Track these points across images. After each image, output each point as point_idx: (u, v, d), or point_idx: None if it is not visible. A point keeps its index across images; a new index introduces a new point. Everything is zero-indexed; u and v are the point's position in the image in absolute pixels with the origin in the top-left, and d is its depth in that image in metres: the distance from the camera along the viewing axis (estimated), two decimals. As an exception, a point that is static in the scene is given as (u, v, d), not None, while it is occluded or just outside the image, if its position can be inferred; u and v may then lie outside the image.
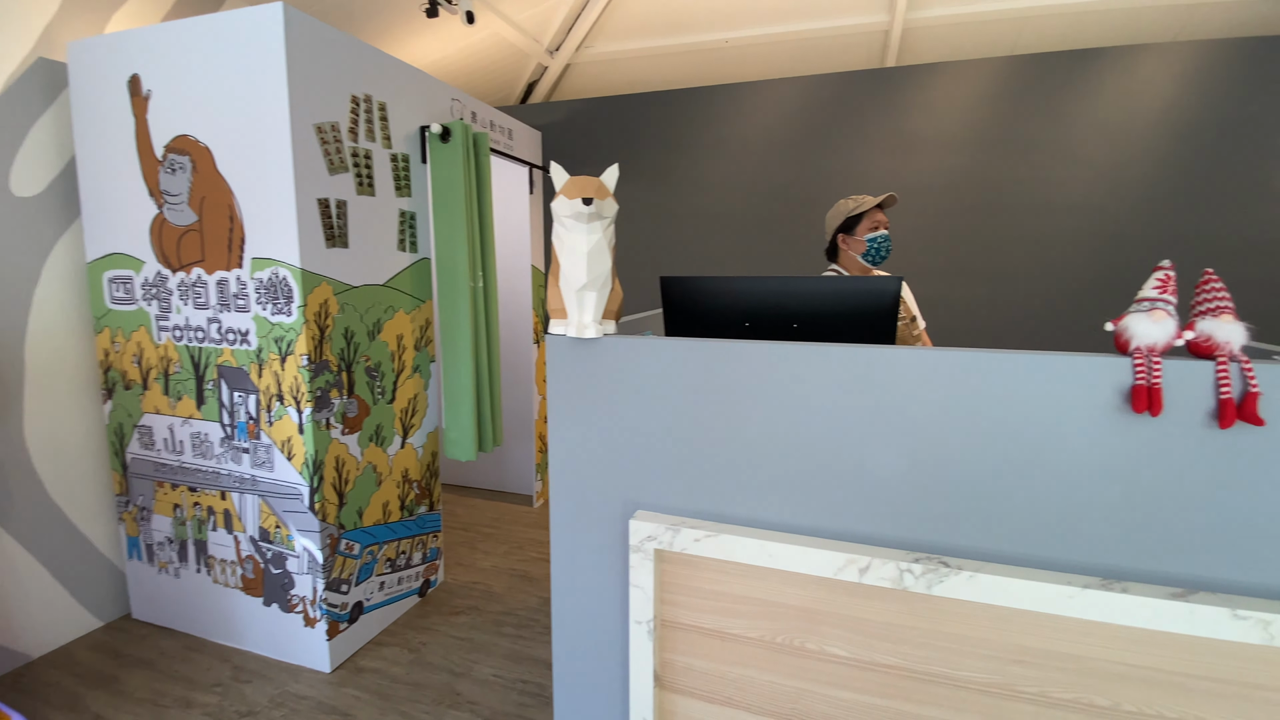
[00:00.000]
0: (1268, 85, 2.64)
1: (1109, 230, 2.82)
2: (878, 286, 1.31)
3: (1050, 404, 1.05)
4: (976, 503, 1.12)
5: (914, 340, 2.05)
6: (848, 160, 3.08)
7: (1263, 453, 0.96)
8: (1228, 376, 0.95)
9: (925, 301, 3.04)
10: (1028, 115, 2.89)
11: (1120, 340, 1.01)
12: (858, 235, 2.04)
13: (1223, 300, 0.97)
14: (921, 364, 1.11)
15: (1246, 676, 1.00)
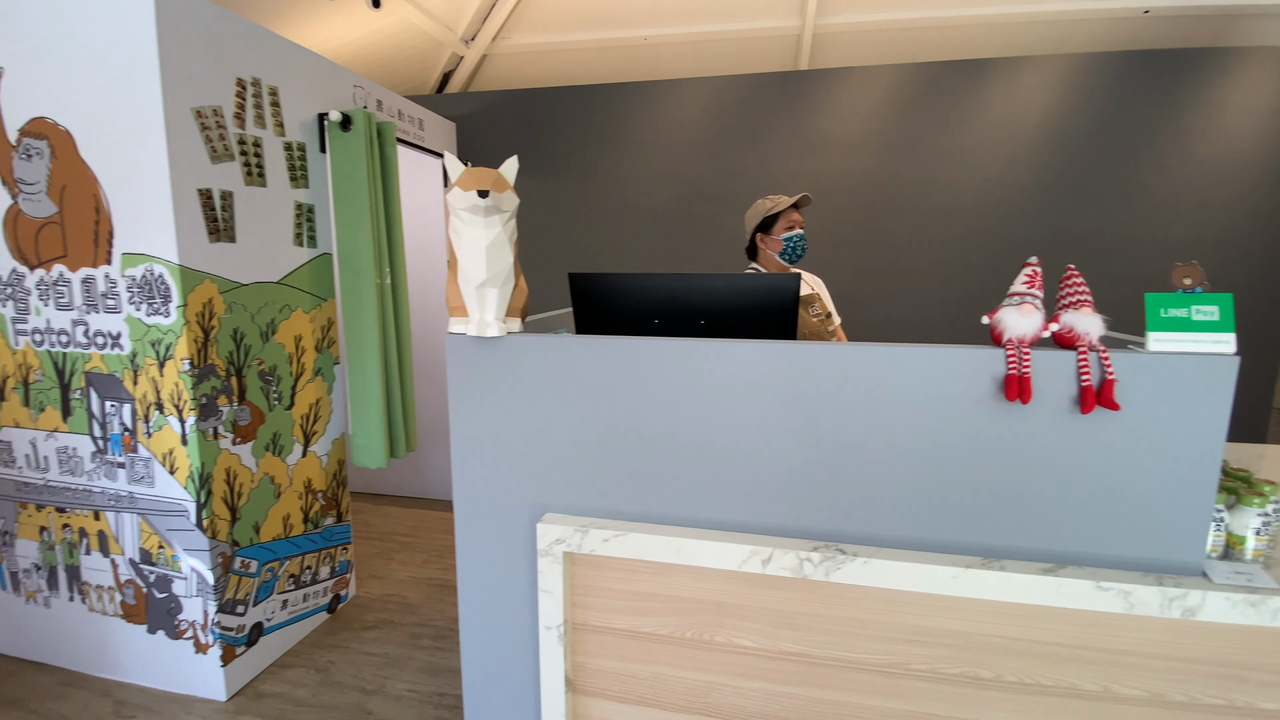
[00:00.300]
0: (1134, 96, 2.90)
1: (998, 230, 3.03)
2: (778, 284, 1.33)
3: (935, 394, 1.09)
4: (871, 490, 1.15)
5: (829, 336, 2.11)
6: (763, 160, 3.15)
7: (1119, 436, 1.04)
8: (1088, 365, 1.02)
9: (838, 298, 3.15)
10: (926, 120, 3.05)
11: (995, 332, 1.07)
12: (774, 234, 2.09)
13: (1082, 294, 1.04)
14: (818, 358, 1.14)
15: (1110, 643, 1.09)
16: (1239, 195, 2.88)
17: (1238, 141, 2.85)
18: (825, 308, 2.18)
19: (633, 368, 1.21)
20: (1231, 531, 1.08)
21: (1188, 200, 2.90)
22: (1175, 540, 1.05)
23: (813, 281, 2.27)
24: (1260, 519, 1.06)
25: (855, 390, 1.12)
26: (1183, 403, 1.01)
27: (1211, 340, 1.00)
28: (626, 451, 1.24)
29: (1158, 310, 1.01)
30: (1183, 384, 1.01)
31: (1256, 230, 2.89)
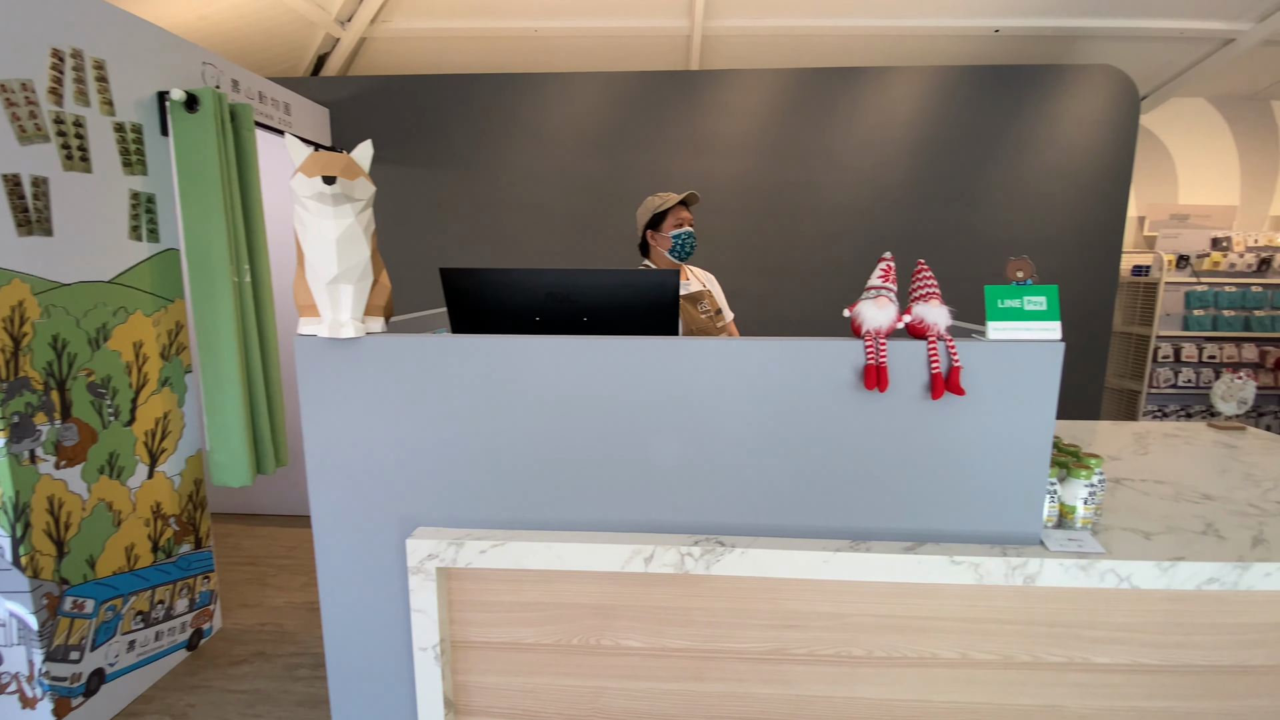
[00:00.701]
0: (984, 107, 3.17)
1: (870, 229, 3.23)
2: (659, 280, 1.32)
3: (803, 385, 1.12)
4: (747, 482, 1.17)
5: (718, 333, 2.14)
6: (657, 158, 3.17)
7: (966, 419, 1.11)
8: (937, 354, 1.08)
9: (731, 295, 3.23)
10: (808, 124, 3.19)
11: (855, 325, 1.11)
12: (664, 232, 2.10)
13: (931, 287, 1.10)
14: (693, 353, 1.13)
15: (965, 613, 1.16)
16: (1072, 198, 3.23)
17: (1070, 150, 3.20)
18: (715, 304, 2.21)
19: (509, 368, 1.16)
20: (1064, 502, 1.18)
21: (1027, 202, 3.22)
22: (1017, 513, 1.14)
23: (704, 278, 2.30)
24: (1087, 489, 1.17)
25: (729, 384, 1.13)
26: (1018, 386, 1.09)
27: (1041, 328, 1.08)
28: (504, 456, 1.19)
29: (996, 301, 1.09)
30: (1018, 369, 1.09)
31: (1086, 228, 3.25)
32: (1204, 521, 1.26)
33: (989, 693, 1.20)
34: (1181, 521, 1.26)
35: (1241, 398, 1.93)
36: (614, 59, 3.66)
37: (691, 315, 2.08)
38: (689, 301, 2.11)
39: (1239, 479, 1.51)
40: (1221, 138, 4.25)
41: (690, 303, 2.11)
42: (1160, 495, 1.41)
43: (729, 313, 2.32)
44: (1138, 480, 1.51)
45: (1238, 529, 1.23)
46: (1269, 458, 1.68)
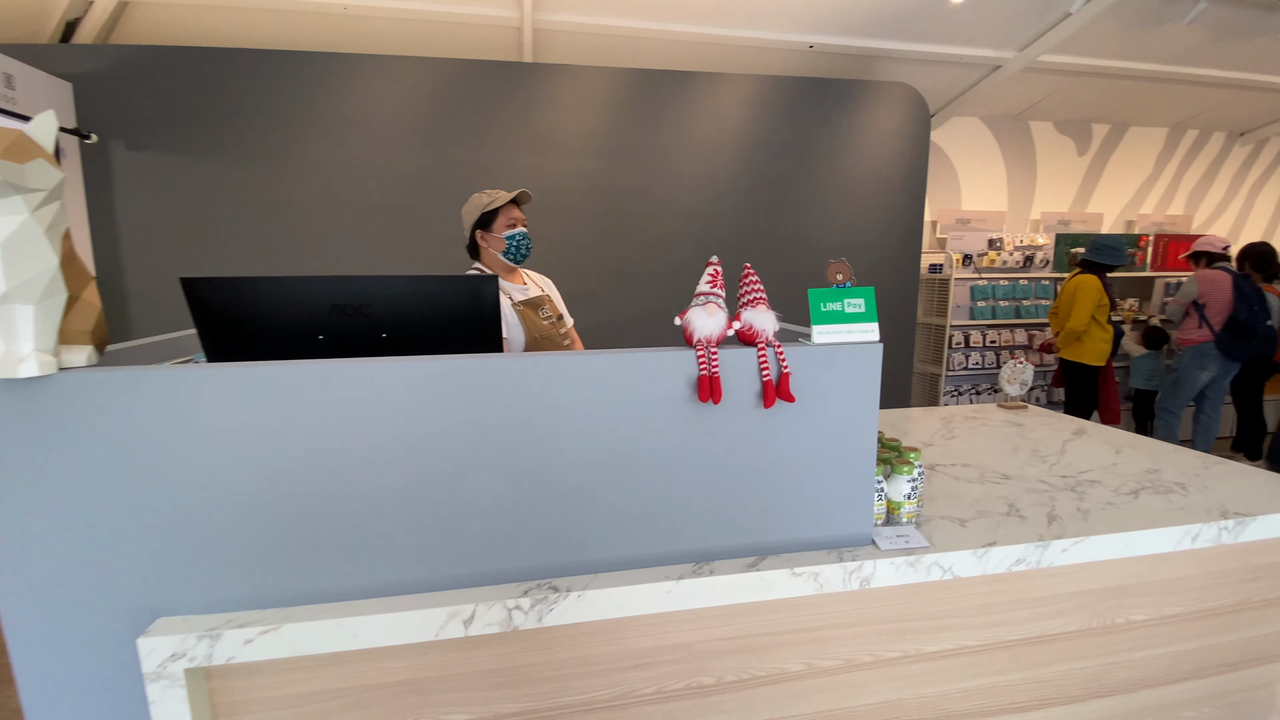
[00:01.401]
0: (802, 116, 3.37)
1: (706, 232, 3.30)
2: (474, 286, 1.15)
3: (634, 401, 1.02)
4: (580, 513, 1.04)
5: (560, 339, 2.01)
6: (487, 153, 2.96)
7: (798, 425, 1.08)
8: (767, 361, 1.03)
9: (572, 299, 3.11)
10: (641, 125, 3.17)
11: (686, 333, 1.03)
12: (495, 232, 1.93)
13: (758, 292, 1.05)
14: (513, 373, 0.98)
15: (809, 623, 1.13)
16: (879, 204, 3.54)
17: (876, 159, 3.51)
18: (556, 309, 2.08)
19: (278, 403, 0.92)
20: (890, 499, 1.20)
21: (842, 207, 3.48)
22: (850, 516, 1.13)
23: (542, 282, 2.16)
24: (910, 485, 1.19)
25: (554, 405, 0.99)
26: (843, 388, 1.08)
27: (861, 330, 1.08)
28: (275, 516, 0.95)
29: (819, 304, 1.06)
30: (842, 371, 1.08)
31: (892, 231, 3.59)
32: (1006, 503, 1.36)
33: (836, 698, 1.18)
34: (988, 505, 1.35)
35: (1023, 380, 2.19)
36: (439, 44, 3.38)
37: (534, 322, 1.93)
38: (530, 308, 1.96)
39: (1028, 456, 1.67)
40: (992, 152, 4.94)
41: (531, 309, 1.96)
42: (968, 479, 1.51)
43: (569, 317, 2.20)
44: (948, 465, 1.61)
45: (1034, 507, 1.34)
46: (1048, 433, 1.90)
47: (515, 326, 1.89)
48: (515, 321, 1.90)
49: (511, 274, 2.02)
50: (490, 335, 1.18)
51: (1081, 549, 1.19)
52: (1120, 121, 5.16)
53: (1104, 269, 3.76)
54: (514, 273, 2.03)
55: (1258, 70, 4.41)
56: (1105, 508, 1.33)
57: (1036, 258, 4.72)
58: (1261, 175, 5.63)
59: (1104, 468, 1.59)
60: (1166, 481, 1.49)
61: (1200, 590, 1.35)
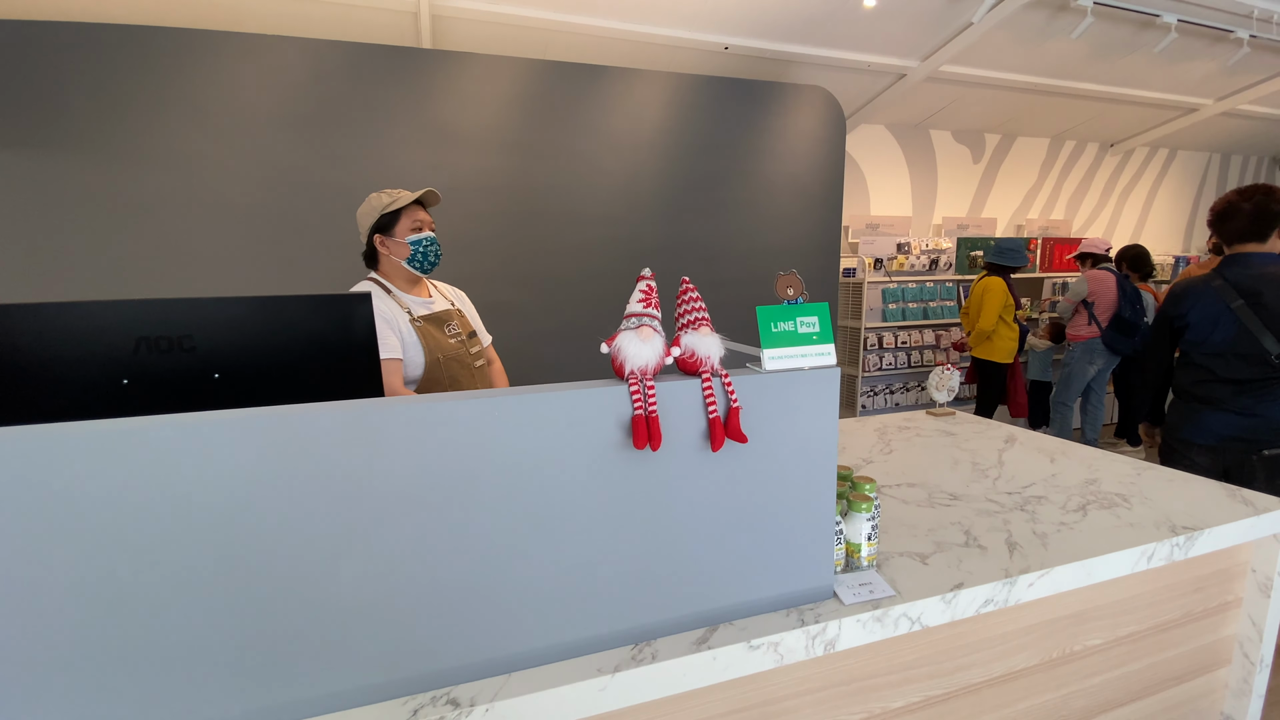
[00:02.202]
0: (723, 117, 3.27)
1: (629, 236, 3.12)
2: (339, 307, 0.91)
3: (556, 451, 0.81)
4: (486, 595, 0.82)
5: (471, 360, 1.76)
6: (382, 149, 2.64)
7: (751, 468, 0.91)
8: (713, 394, 0.86)
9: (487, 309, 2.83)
10: (555, 121, 2.95)
11: (616, 363, 0.84)
12: (398, 236, 1.66)
13: (699, 311, 0.88)
14: (391, 421, 0.75)
15: (768, 695, 0.97)
16: (799, 208, 3.51)
17: (795, 163, 3.47)
18: (467, 325, 1.83)
19: (52, 480, 0.64)
20: (849, 541, 1.06)
21: (764, 211, 3.41)
22: (810, 567, 0.98)
23: (452, 295, 1.90)
24: (869, 524, 1.05)
25: (444, 463, 0.77)
26: (799, 421, 0.93)
27: (816, 353, 0.92)
28: (40, 638, 0.67)
29: (769, 324, 0.90)
30: (797, 401, 0.92)
31: (812, 235, 3.57)
32: (962, 529, 1.26)
33: (796, 775, 1.03)
34: (944, 533, 1.24)
35: (950, 386, 2.16)
36: (322, 24, 3.01)
37: (437, 341, 1.68)
38: (433, 324, 1.70)
39: (970, 471, 1.61)
40: (897, 159, 5.10)
41: (435, 325, 1.70)
42: (917, 502, 1.41)
43: (486, 335, 1.95)
44: (894, 486, 1.51)
45: (990, 533, 1.24)
46: (981, 442, 1.86)
47: (414, 346, 1.64)
48: (414, 340, 1.64)
49: (415, 285, 1.75)
50: (364, 372, 0.93)
51: (1048, 582, 1.10)
52: (1009, 132, 5.47)
53: (1008, 271, 3.92)
54: (418, 284, 1.77)
55: (1127, 85, 4.79)
56: (1059, 529, 1.26)
57: (940, 261, 4.90)
58: (1129, 182, 6.16)
59: (1045, 480, 1.54)
60: (1108, 493, 1.45)
61: (1150, 607, 1.31)
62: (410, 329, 1.64)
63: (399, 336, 1.60)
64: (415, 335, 1.64)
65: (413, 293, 1.73)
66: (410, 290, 1.73)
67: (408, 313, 1.66)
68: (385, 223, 1.67)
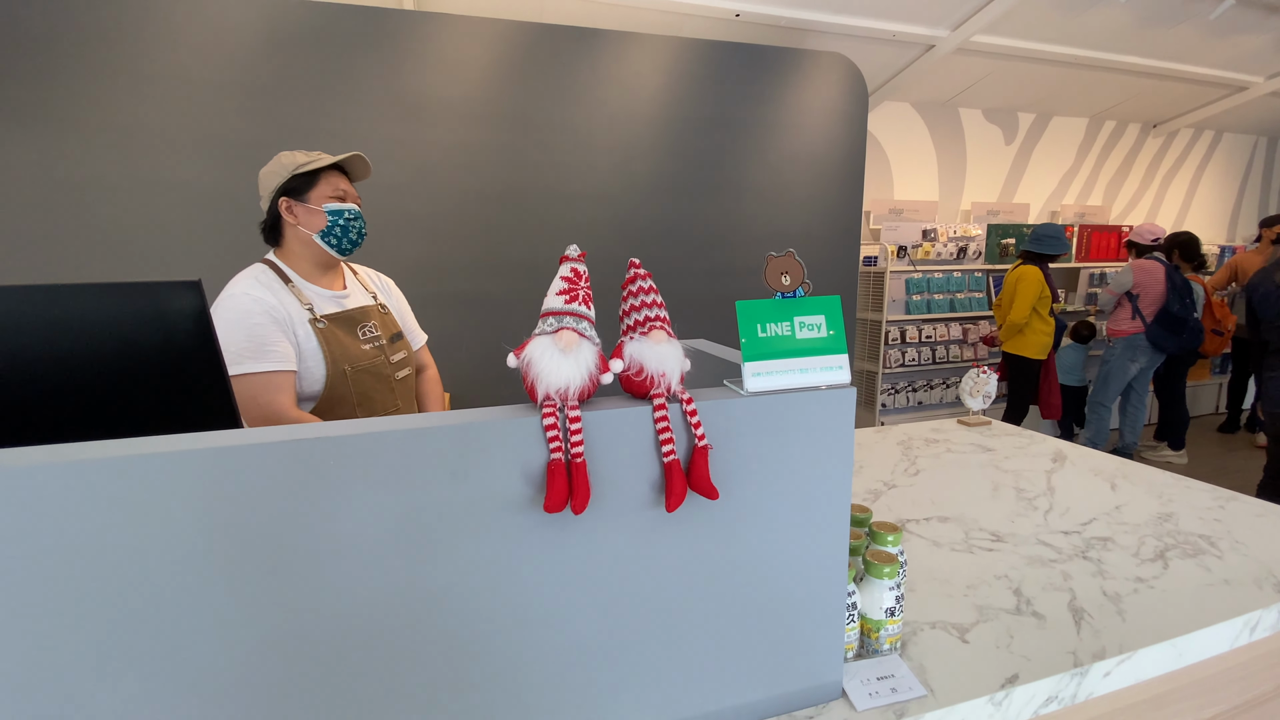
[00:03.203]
0: (732, 87, 2.97)
1: (624, 221, 2.84)
2: (151, 297, 0.66)
3: (435, 514, 0.56)
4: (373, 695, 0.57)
5: (389, 370, 1.38)
6: (344, 119, 2.38)
7: (732, 536, 0.65)
8: (668, 428, 0.59)
9: (456, 300, 2.58)
10: (546, 91, 2.68)
11: (528, 383, 0.58)
12: (312, 203, 1.30)
13: (653, 306, 0.61)
14: (196, 473, 0.50)
15: (745, 823, 0.71)
16: (814, 190, 3.20)
17: (811, 138, 3.15)
18: (391, 326, 1.45)
19: None
20: (865, 615, 0.80)
21: (776, 192, 3.10)
22: (811, 659, 0.72)
23: (375, 285, 1.51)
24: (893, 593, 0.79)
25: (269, 534, 0.52)
26: (796, 463, 0.66)
27: (822, 367, 0.66)
28: None
29: (753, 328, 0.64)
30: (793, 436, 0.65)
31: (829, 220, 3.26)
32: (1010, 587, 0.99)
33: None
34: (988, 591, 0.97)
35: (986, 392, 1.88)
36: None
37: (345, 347, 1.31)
38: (342, 326, 1.33)
39: (1014, 500, 1.33)
40: (922, 139, 4.74)
41: (344, 327, 1.34)
42: (951, 544, 1.14)
43: (419, 334, 1.61)
44: (922, 520, 1.24)
45: (1047, 592, 0.97)
46: (1025, 461, 1.58)
47: (312, 354, 1.26)
48: (313, 347, 1.26)
49: (326, 272, 1.37)
50: (197, 390, 0.68)
51: (1128, 669, 0.83)
52: (1044, 111, 5.08)
53: (1046, 259, 3.59)
54: (331, 271, 1.38)
55: (1175, 59, 4.39)
56: (1135, 588, 0.99)
57: (970, 249, 4.56)
58: (1172, 167, 5.74)
59: (1109, 515, 1.26)
60: (1189, 535, 1.16)
61: (1242, 680, 1.03)
62: (310, 331, 1.27)
63: (292, 341, 1.24)
64: (316, 340, 1.27)
65: (321, 282, 1.35)
66: (318, 279, 1.35)
67: (309, 310, 1.28)
68: (297, 185, 1.30)
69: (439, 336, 2.51)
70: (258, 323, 1.20)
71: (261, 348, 1.19)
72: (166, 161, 2.21)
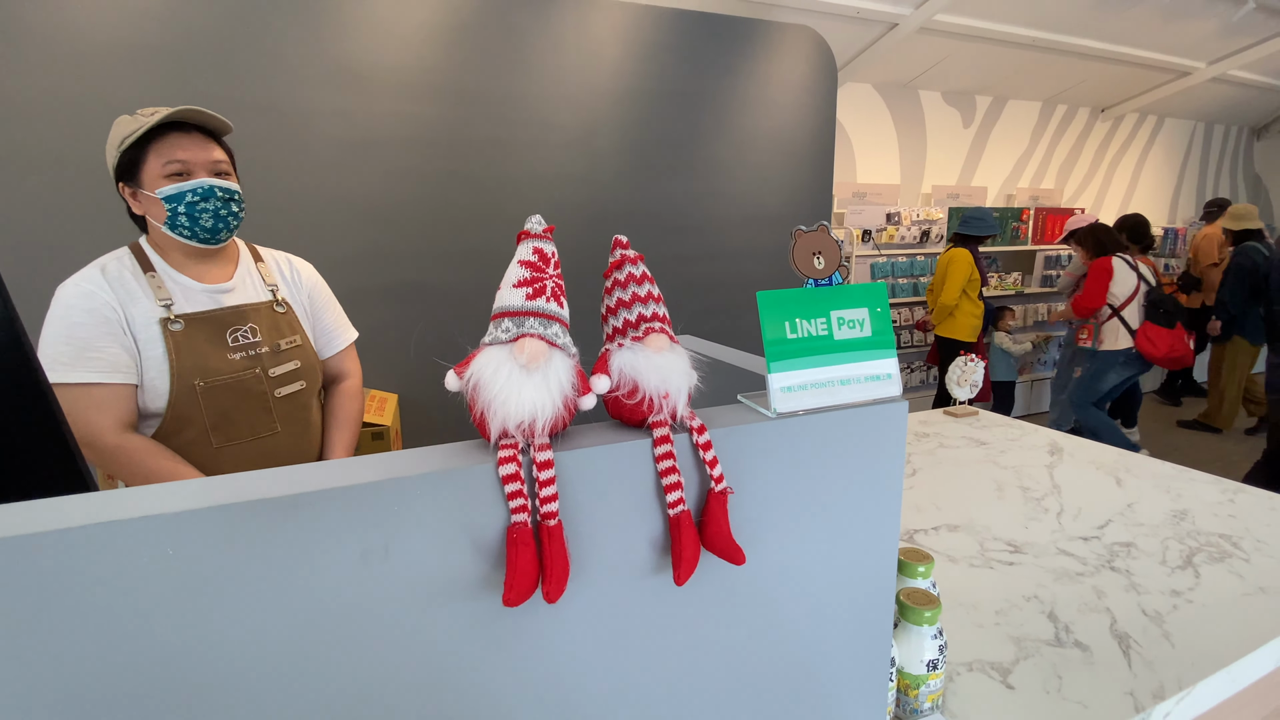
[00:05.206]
0: (697, 58, 2.79)
1: (586, 203, 2.64)
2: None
3: (357, 607, 0.38)
4: None
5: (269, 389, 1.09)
6: (266, 89, 2.10)
7: (757, 606, 0.49)
8: (674, 467, 0.43)
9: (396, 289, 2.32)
10: (497, 60, 2.44)
11: (474, 413, 0.41)
12: (146, 187, 1.01)
13: (647, 302, 0.45)
14: None
15: None
16: (785, 169, 3.06)
17: (781, 115, 3.01)
18: (282, 330, 1.13)
19: None
20: (903, 670, 0.66)
21: (744, 171, 2.95)
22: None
23: (278, 275, 1.19)
24: (935, 641, 0.65)
25: (114, 647, 0.33)
26: (837, 501, 0.51)
27: (867, 374, 0.51)
28: None
29: (780, 326, 0.48)
30: (834, 464, 0.50)
31: (799, 201, 3.14)
32: (1043, 610, 0.87)
33: None
34: (1020, 618, 0.86)
35: (973, 381, 1.79)
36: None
37: (201, 356, 1.03)
38: (204, 327, 1.04)
39: (1022, 502, 1.22)
40: (884, 122, 4.69)
41: (207, 330, 1.04)
42: (969, 559, 1.02)
43: (341, 336, 1.27)
44: (931, 530, 1.12)
45: (1085, 614, 0.86)
46: (1021, 455, 1.48)
47: (155, 363, 1.00)
48: (158, 355, 1.00)
49: (202, 260, 1.08)
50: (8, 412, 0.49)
51: (1187, 706, 0.72)
52: (1000, 94, 5.10)
53: (975, 242, 3.57)
54: (208, 258, 1.09)
55: (1126, 43, 4.44)
56: (1174, 604, 0.89)
57: (932, 233, 4.54)
58: (1119, 150, 5.87)
59: (1122, 514, 1.16)
60: (1210, 535, 1.08)
61: (1271, 690, 0.94)
62: (157, 334, 1.00)
63: (128, 347, 0.98)
64: (162, 345, 1.00)
65: (193, 272, 1.07)
66: (191, 268, 1.07)
67: (165, 307, 1.01)
68: (130, 162, 1.02)
69: (381, 333, 2.28)
70: (78, 322, 0.95)
71: (80, 354, 0.94)
72: (48, 135, 1.90)
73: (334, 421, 1.24)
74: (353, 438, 1.25)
